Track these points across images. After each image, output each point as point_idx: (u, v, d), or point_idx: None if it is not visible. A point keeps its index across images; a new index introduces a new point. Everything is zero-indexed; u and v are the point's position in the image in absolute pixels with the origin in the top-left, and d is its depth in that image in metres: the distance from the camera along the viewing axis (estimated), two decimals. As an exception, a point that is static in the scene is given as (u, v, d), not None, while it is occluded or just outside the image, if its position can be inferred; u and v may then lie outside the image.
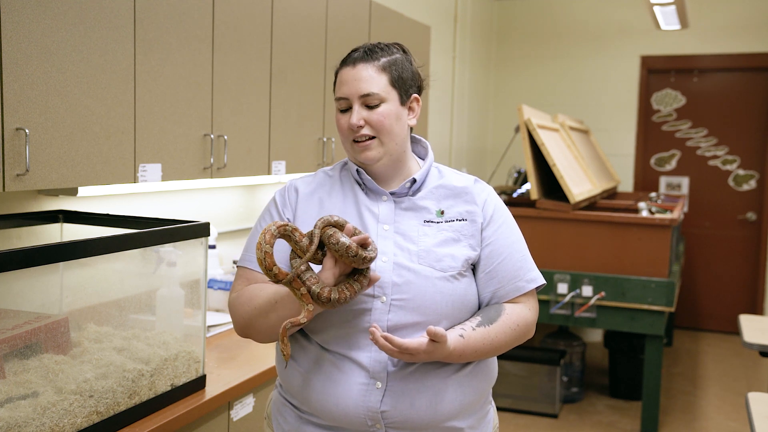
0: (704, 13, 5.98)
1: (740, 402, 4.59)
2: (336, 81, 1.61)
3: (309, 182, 1.65)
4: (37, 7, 1.74)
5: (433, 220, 1.58)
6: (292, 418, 1.59)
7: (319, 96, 3.05)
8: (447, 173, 1.67)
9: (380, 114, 1.55)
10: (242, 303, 1.56)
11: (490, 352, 1.53)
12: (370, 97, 1.54)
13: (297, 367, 1.56)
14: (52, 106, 1.80)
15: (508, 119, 6.48)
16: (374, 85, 1.54)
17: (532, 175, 4.09)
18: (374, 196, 1.60)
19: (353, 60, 1.57)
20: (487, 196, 1.64)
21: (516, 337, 1.56)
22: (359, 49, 1.59)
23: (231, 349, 2.39)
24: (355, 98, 1.55)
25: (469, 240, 1.57)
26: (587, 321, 4.01)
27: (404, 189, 1.60)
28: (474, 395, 1.56)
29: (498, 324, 1.53)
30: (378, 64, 1.56)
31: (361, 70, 1.55)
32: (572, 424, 4.26)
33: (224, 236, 3.10)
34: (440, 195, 1.61)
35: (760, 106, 6.06)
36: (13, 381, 1.57)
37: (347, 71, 1.57)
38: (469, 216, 1.59)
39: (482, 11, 6.18)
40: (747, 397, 2.44)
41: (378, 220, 1.57)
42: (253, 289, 1.56)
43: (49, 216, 2.15)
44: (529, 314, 1.60)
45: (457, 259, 1.54)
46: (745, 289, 6.19)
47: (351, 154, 1.60)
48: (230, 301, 1.61)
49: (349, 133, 1.56)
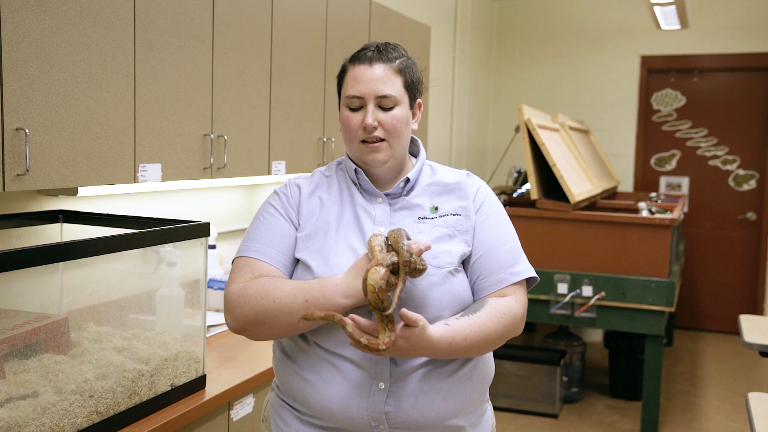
0: (704, 13, 5.98)
1: (740, 402, 4.59)
2: (345, 77, 1.57)
3: (309, 182, 1.65)
4: (37, 7, 1.74)
5: (427, 217, 1.57)
6: (292, 420, 1.58)
7: (319, 96, 3.05)
8: (439, 170, 1.66)
9: (394, 117, 1.54)
10: (253, 295, 1.46)
11: (481, 341, 1.46)
12: (387, 98, 1.53)
13: (297, 369, 1.54)
14: (52, 106, 1.80)
15: (508, 119, 6.48)
16: (391, 87, 1.53)
17: (532, 175, 4.09)
18: (369, 197, 1.60)
19: (369, 58, 1.54)
20: (478, 189, 1.63)
21: (504, 326, 1.50)
22: (371, 48, 1.57)
23: (231, 349, 2.39)
24: (371, 98, 1.53)
25: (463, 235, 1.56)
26: (587, 321, 4.01)
27: (398, 189, 1.59)
28: (474, 393, 1.56)
29: (482, 312, 1.49)
30: (394, 65, 1.55)
31: (378, 69, 1.53)
32: (572, 424, 4.26)
33: (224, 236, 3.10)
34: (433, 192, 1.60)
35: (760, 106, 6.06)
36: (13, 381, 1.57)
37: (362, 69, 1.54)
38: (463, 211, 1.58)
39: (482, 11, 6.18)
40: (747, 397, 2.44)
41: (374, 222, 1.56)
42: (267, 283, 1.47)
43: (49, 216, 2.15)
44: (516, 306, 1.54)
45: (454, 255, 1.53)
46: (745, 289, 6.19)
47: (356, 154, 1.58)
48: (232, 293, 1.49)
49: (359, 133, 1.54)
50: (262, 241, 1.56)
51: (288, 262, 1.55)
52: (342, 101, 1.58)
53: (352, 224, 1.56)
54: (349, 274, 1.45)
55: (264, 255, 1.54)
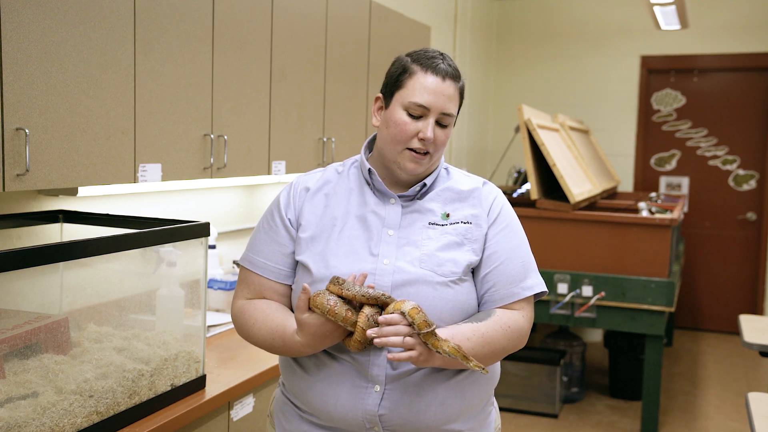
0: (704, 13, 5.98)
1: (740, 402, 4.59)
2: (410, 80, 1.53)
3: (317, 179, 1.64)
4: (37, 7, 1.74)
5: (437, 223, 1.55)
6: (294, 418, 1.60)
7: (319, 96, 3.05)
8: (455, 175, 1.64)
9: (446, 135, 1.55)
10: (242, 325, 1.58)
11: (484, 350, 1.46)
12: (449, 117, 1.54)
13: (300, 368, 1.56)
14: (52, 106, 1.80)
15: (508, 119, 6.48)
16: (454, 107, 1.55)
17: (532, 175, 4.09)
18: (382, 197, 1.58)
19: (443, 72, 1.52)
20: (494, 199, 1.61)
21: (508, 338, 1.51)
22: (441, 58, 1.54)
23: (231, 349, 2.40)
24: (437, 113, 1.52)
25: (472, 244, 1.54)
26: (587, 321, 4.01)
27: (413, 192, 1.58)
28: (475, 399, 1.55)
29: (488, 322, 1.49)
30: (459, 85, 1.56)
31: (450, 86, 1.53)
32: (572, 424, 4.26)
33: (224, 236, 3.10)
34: (447, 198, 1.59)
35: (760, 106, 6.06)
36: (13, 381, 1.57)
37: (435, 82, 1.52)
38: (474, 220, 1.57)
39: (482, 11, 6.18)
40: (747, 397, 2.44)
41: (383, 223, 1.55)
42: (250, 316, 1.56)
43: (49, 216, 2.15)
44: (522, 321, 1.54)
45: (459, 264, 1.52)
46: (745, 289, 6.19)
47: (395, 157, 1.55)
48: (233, 312, 1.62)
49: (410, 141, 1.52)
50: (260, 252, 1.61)
51: (285, 272, 1.59)
52: (399, 101, 1.54)
53: (357, 225, 1.55)
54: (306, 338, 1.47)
55: (261, 268, 1.60)
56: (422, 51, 1.57)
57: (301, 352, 1.50)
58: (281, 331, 1.50)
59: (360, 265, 1.50)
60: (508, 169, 6.04)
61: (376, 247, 1.52)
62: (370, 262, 1.51)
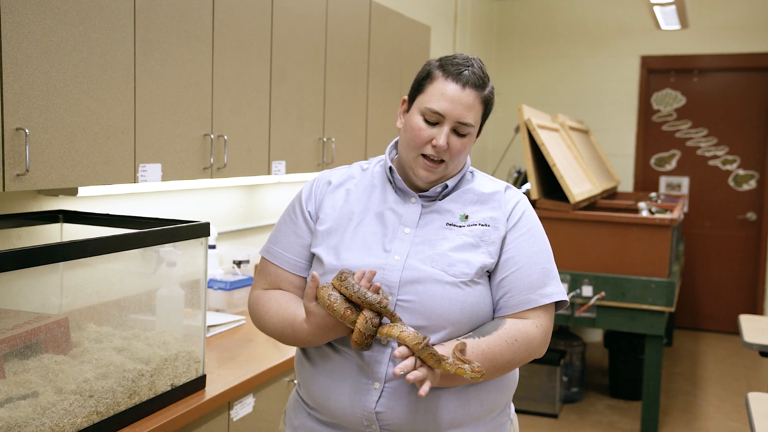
0: (704, 13, 5.98)
1: (740, 402, 4.59)
2: (431, 86, 1.51)
3: (341, 174, 1.65)
4: (37, 7, 1.74)
5: (455, 224, 1.54)
6: (301, 413, 1.62)
7: (319, 96, 3.05)
8: (479, 177, 1.63)
9: (463, 144, 1.52)
10: (256, 314, 1.61)
11: (486, 365, 1.43)
12: (465, 126, 1.51)
13: (307, 360, 1.58)
14: (52, 106, 1.80)
15: (508, 119, 6.48)
16: (473, 116, 1.51)
17: (532, 175, 4.09)
18: (403, 195, 1.58)
19: (464, 80, 1.50)
20: (516, 203, 1.58)
21: (514, 352, 1.47)
22: (467, 65, 1.51)
23: (231, 349, 2.39)
24: (452, 121, 1.50)
25: (488, 247, 1.52)
26: (587, 321, 4.01)
27: (434, 193, 1.57)
28: (479, 407, 1.52)
29: (492, 337, 1.46)
30: (483, 94, 1.53)
31: (470, 95, 1.50)
32: (572, 424, 4.26)
33: (224, 236, 3.10)
34: (467, 200, 1.58)
35: (760, 106, 6.06)
36: (13, 381, 1.57)
37: (454, 89, 1.49)
38: (492, 222, 1.54)
39: (482, 11, 6.18)
40: (747, 397, 2.44)
41: (401, 221, 1.54)
42: (264, 305, 1.59)
43: (49, 216, 2.15)
44: (535, 331, 1.49)
45: (472, 266, 1.49)
46: (745, 289, 6.19)
47: (409, 163, 1.55)
48: (250, 301, 1.65)
49: (426, 148, 1.51)
50: (279, 244, 1.63)
51: (302, 264, 1.61)
52: (418, 106, 1.53)
53: (375, 221, 1.55)
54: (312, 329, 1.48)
55: (278, 259, 1.62)
56: (452, 57, 1.54)
57: (308, 342, 1.51)
58: (291, 319, 1.52)
59: (371, 260, 1.50)
60: (508, 169, 6.04)
61: (390, 244, 1.52)
62: (381, 257, 1.50)
